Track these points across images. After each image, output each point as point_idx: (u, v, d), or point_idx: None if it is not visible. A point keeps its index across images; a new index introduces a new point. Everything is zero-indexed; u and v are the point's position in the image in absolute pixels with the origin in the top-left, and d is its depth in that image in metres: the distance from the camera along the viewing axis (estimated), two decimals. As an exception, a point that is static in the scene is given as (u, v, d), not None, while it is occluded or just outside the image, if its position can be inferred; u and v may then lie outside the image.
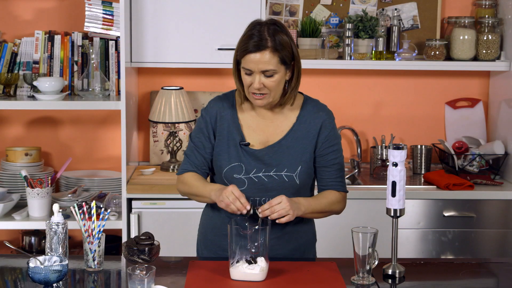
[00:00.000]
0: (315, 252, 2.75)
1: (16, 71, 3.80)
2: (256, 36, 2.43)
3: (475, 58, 3.96)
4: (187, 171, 2.60)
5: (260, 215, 2.41)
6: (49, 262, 2.27)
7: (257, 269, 2.29)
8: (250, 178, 2.54)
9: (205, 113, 2.61)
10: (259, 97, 2.48)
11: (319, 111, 2.59)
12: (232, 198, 2.40)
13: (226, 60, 3.65)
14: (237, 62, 2.51)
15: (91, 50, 3.74)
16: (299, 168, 2.55)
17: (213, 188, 2.51)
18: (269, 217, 2.40)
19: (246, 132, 2.57)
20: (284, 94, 2.54)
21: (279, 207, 2.40)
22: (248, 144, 2.55)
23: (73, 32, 3.83)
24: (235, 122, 2.58)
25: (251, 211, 2.41)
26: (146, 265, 2.19)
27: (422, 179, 3.86)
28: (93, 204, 2.44)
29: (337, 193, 2.60)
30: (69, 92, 3.81)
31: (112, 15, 3.75)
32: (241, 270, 2.30)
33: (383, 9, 4.08)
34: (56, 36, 3.80)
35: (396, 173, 2.35)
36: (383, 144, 3.99)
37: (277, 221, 2.42)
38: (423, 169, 3.98)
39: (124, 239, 3.55)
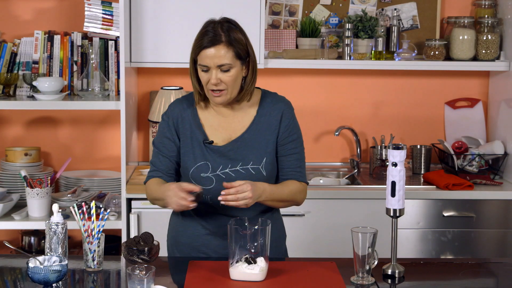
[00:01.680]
0: (286, 249, 2.76)
1: (15, 71, 3.80)
2: (211, 32, 2.48)
3: (475, 58, 3.96)
4: (152, 178, 2.60)
5: (221, 200, 2.39)
6: (48, 262, 2.27)
7: (257, 269, 2.29)
8: (217, 175, 2.55)
9: (167, 116, 2.63)
10: (218, 94, 2.51)
11: (278, 102, 2.63)
12: (178, 198, 2.37)
13: (226, 60, 3.65)
14: (194, 62, 2.54)
15: (90, 50, 3.74)
16: (264, 159, 2.57)
17: (166, 188, 2.47)
18: (227, 203, 2.39)
19: (208, 131, 2.59)
20: (240, 90, 2.57)
21: (242, 196, 2.39)
22: (212, 142, 2.57)
23: (73, 32, 3.83)
24: (196, 121, 2.60)
25: (197, 194, 2.39)
26: (145, 265, 2.19)
27: (422, 179, 3.86)
28: (92, 204, 2.44)
29: (298, 183, 2.61)
30: (69, 92, 3.81)
31: (111, 15, 3.75)
32: (240, 270, 2.30)
33: (382, 9, 4.08)
34: (55, 36, 3.80)
35: (396, 173, 2.35)
36: (383, 144, 3.99)
37: (231, 204, 2.41)
38: (422, 169, 3.98)
39: (124, 239, 3.55)
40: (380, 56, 3.93)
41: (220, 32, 2.48)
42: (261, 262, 2.31)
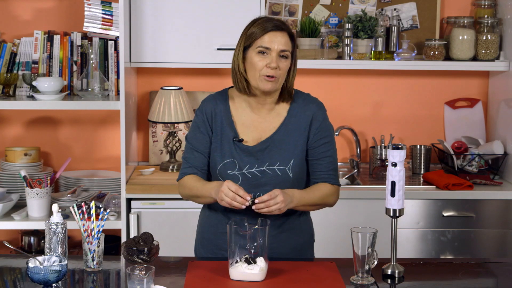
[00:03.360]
0: (313, 253, 2.74)
1: (15, 71, 3.80)
2: (275, 20, 2.52)
3: (474, 58, 3.96)
4: (187, 174, 2.60)
5: (254, 207, 2.41)
6: (48, 262, 2.27)
7: (257, 269, 2.29)
8: (243, 174, 2.55)
9: (200, 112, 2.63)
10: (272, 79, 2.49)
11: (310, 103, 2.62)
12: (231, 195, 2.40)
13: (225, 60, 3.65)
14: (243, 50, 2.53)
15: (90, 50, 3.74)
16: (292, 161, 2.56)
17: (212, 186, 2.50)
18: (259, 210, 2.41)
19: (239, 129, 2.59)
20: (281, 90, 2.58)
21: (273, 202, 2.41)
22: (242, 140, 2.57)
23: (72, 32, 3.83)
24: (228, 118, 2.59)
25: (252, 201, 2.42)
26: (145, 265, 2.19)
27: (422, 179, 3.86)
28: (92, 204, 2.44)
29: (330, 186, 2.61)
30: (68, 92, 3.81)
31: (111, 15, 3.75)
32: (240, 270, 2.30)
33: (382, 9, 4.08)
34: (55, 36, 3.80)
35: (396, 173, 2.35)
36: (383, 144, 3.99)
37: (264, 211, 2.43)
38: (422, 169, 3.98)
39: (124, 239, 3.55)
40: (379, 56, 3.93)
41: (281, 22, 2.52)
42: (260, 262, 2.30)
